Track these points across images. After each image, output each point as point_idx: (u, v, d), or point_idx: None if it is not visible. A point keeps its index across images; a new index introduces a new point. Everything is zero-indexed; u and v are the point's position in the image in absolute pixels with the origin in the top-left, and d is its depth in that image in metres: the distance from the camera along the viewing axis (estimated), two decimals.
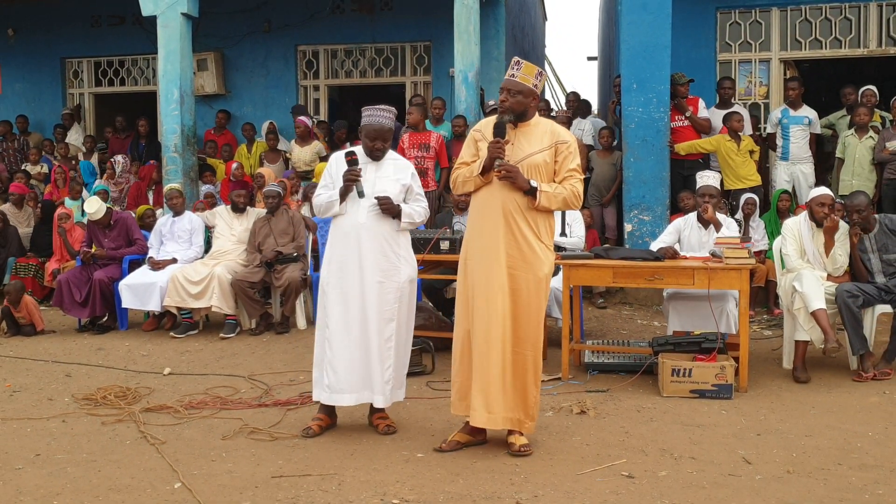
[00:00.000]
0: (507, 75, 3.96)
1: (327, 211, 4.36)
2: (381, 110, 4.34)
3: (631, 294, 7.97)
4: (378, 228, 4.30)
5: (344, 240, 4.32)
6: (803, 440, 4.18)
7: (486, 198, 3.98)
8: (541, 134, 4.00)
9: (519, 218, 3.92)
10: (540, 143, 3.97)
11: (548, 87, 18.05)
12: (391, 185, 4.35)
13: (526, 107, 3.94)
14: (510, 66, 3.97)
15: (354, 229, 4.29)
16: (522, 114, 3.96)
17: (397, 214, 4.31)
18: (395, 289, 4.30)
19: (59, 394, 5.36)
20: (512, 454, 3.95)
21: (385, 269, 4.29)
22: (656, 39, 7.77)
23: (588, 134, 9.13)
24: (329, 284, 4.34)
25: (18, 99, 11.70)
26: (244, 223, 7.60)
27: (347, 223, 4.32)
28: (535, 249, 3.94)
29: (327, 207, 4.35)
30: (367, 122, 4.33)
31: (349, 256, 4.29)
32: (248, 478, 3.76)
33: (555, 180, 3.98)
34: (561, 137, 4.00)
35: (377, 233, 4.29)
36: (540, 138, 3.98)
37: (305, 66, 10.97)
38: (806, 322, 5.26)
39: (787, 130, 8.11)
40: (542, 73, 3.97)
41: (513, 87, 3.92)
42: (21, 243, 8.86)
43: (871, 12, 8.80)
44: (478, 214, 4.03)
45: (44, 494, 3.63)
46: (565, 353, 5.44)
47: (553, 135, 4.00)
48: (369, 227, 4.28)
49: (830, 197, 5.60)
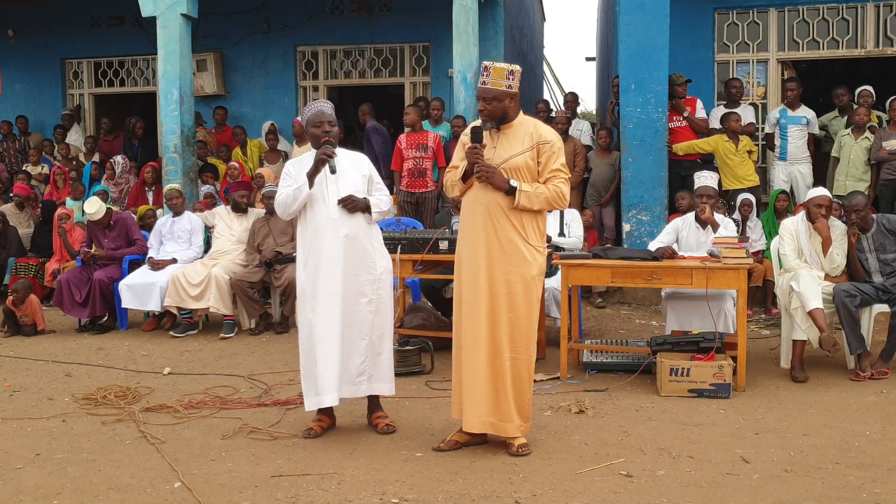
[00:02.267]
0: (479, 83, 3.94)
1: (294, 201, 4.26)
2: (319, 101, 4.44)
3: (629, 294, 7.98)
4: (352, 222, 4.27)
5: (318, 236, 4.27)
6: (801, 439, 4.19)
7: (472, 201, 3.99)
8: (522, 135, 3.97)
9: (503, 220, 3.91)
10: (521, 145, 3.95)
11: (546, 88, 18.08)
12: (354, 175, 4.35)
13: (504, 110, 3.92)
14: (481, 73, 3.94)
15: (326, 223, 4.25)
16: (503, 117, 3.94)
17: (366, 208, 4.31)
18: (373, 280, 4.31)
19: (59, 394, 5.37)
20: (511, 454, 3.97)
21: (363, 262, 4.29)
22: (654, 40, 7.79)
23: (586, 134, 9.15)
24: (309, 287, 4.28)
25: (18, 99, 11.71)
26: (243, 223, 7.61)
27: (318, 218, 4.28)
28: (521, 251, 3.92)
29: (294, 196, 4.26)
30: (309, 112, 4.37)
31: (325, 254, 4.24)
32: (247, 477, 3.78)
33: (538, 181, 3.95)
34: (543, 138, 3.96)
35: (351, 227, 4.27)
36: (521, 140, 3.96)
37: (304, 67, 10.98)
38: (803, 322, 5.28)
39: (786, 130, 8.13)
40: (513, 70, 3.90)
41: (486, 95, 3.89)
42: (21, 243, 8.87)
43: (868, 13, 8.81)
44: (465, 218, 4.04)
45: (44, 494, 3.64)
46: (564, 353, 5.46)
47: (535, 135, 3.96)
48: (343, 221, 4.26)
49: (828, 198, 5.60)
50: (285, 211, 4.36)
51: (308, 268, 4.31)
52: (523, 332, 3.95)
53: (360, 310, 4.29)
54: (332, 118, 4.34)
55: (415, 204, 8.33)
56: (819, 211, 5.53)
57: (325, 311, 4.25)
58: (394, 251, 5.62)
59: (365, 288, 4.30)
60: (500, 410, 3.95)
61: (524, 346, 3.96)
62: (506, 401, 3.94)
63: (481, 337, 3.91)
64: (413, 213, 8.26)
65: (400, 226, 7.41)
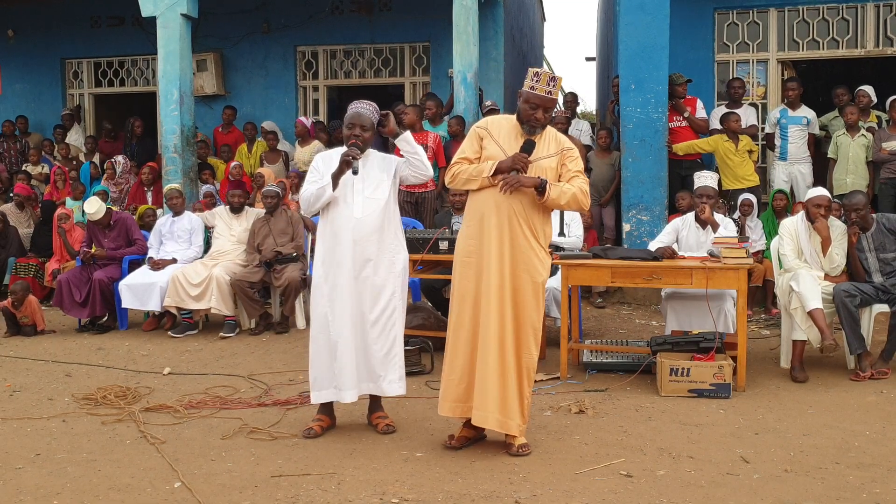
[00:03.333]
0: (543, 91, 3.88)
1: (318, 200, 4.27)
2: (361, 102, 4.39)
3: (629, 294, 7.98)
4: (374, 221, 4.28)
5: (339, 236, 4.27)
6: (801, 439, 4.19)
7: (489, 198, 3.94)
8: (548, 140, 4.02)
9: (522, 220, 3.92)
10: (547, 150, 4.00)
11: None
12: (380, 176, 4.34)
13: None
14: (546, 82, 3.87)
15: (350, 223, 4.25)
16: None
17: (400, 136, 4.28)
18: (394, 279, 4.32)
19: (59, 394, 5.37)
20: (511, 454, 3.97)
21: (385, 260, 4.29)
22: (654, 40, 7.79)
23: (586, 134, 9.15)
24: (328, 284, 4.31)
25: (18, 99, 11.71)
26: (243, 223, 7.61)
27: (342, 217, 4.28)
28: (535, 254, 3.95)
29: (318, 195, 4.26)
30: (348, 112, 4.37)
31: (345, 252, 4.25)
32: (247, 477, 3.78)
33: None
34: (566, 145, 4.05)
35: (375, 225, 4.28)
36: (547, 144, 4.01)
37: (304, 67, 10.99)
38: (803, 322, 5.28)
39: (786, 130, 8.13)
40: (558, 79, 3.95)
41: (550, 105, 3.93)
42: (21, 243, 8.88)
43: (868, 13, 8.81)
44: (477, 214, 3.99)
45: (44, 494, 3.64)
46: (564, 353, 5.46)
47: (558, 142, 4.05)
48: (367, 220, 4.26)
49: (827, 198, 5.60)
50: (308, 209, 4.38)
51: (327, 264, 4.32)
52: (531, 334, 3.97)
53: (383, 306, 4.30)
54: (366, 121, 4.30)
55: (415, 204, 8.33)
56: (818, 211, 5.53)
57: (344, 308, 4.26)
58: None
59: (388, 283, 4.31)
60: (508, 408, 3.96)
61: (528, 349, 3.97)
62: (512, 399, 3.95)
63: (492, 335, 3.92)
64: (413, 213, 8.25)
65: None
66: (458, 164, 4.04)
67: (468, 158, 4.03)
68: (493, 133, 4.01)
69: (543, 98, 3.89)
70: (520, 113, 3.98)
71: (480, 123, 4.12)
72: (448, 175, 4.09)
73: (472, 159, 4.02)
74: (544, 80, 3.88)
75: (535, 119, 3.91)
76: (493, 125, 4.06)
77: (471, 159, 4.02)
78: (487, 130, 4.04)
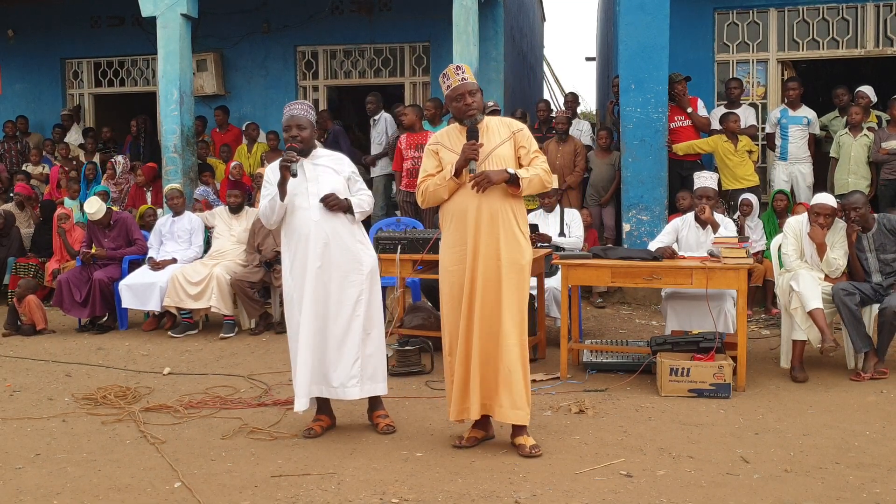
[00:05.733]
0: (458, 81, 3.98)
1: (272, 212, 4.28)
2: (295, 103, 4.39)
3: (629, 294, 7.98)
4: (334, 222, 4.26)
5: (302, 241, 4.26)
6: (801, 439, 4.19)
7: (463, 200, 3.98)
8: (495, 127, 4.08)
9: (505, 210, 3.97)
10: (500, 136, 4.05)
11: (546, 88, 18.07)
12: (333, 177, 4.33)
13: (482, 103, 4.06)
14: (454, 73, 4.01)
15: (309, 227, 4.24)
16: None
17: (348, 208, 4.29)
18: (360, 282, 4.29)
19: (59, 394, 5.37)
20: (524, 455, 3.96)
21: (349, 262, 4.27)
22: (654, 40, 7.79)
23: (586, 134, 9.15)
24: (297, 291, 4.27)
25: (18, 99, 11.71)
26: (243, 223, 7.61)
27: (301, 223, 4.26)
28: (518, 239, 4.00)
29: (271, 207, 4.27)
30: (283, 116, 4.34)
31: (310, 257, 4.23)
32: (247, 477, 3.78)
33: (521, 165, 4.05)
34: (514, 127, 4.12)
35: (335, 227, 4.26)
36: (497, 131, 4.07)
37: (304, 67, 10.98)
38: (803, 322, 5.28)
39: (786, 130, 8.13)
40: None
41: (472, 89, 4.00)
42: (21, 243, 8.88)
43: (868, 13, 8.81)
44: (456, 217, 4.01)
45: (44, 494, 3.64)
46: (564, 353, 5.46)
47: (508, 126, 4.12)
48: (325, 223, 4.24)
49: (830, 208, 5.49)
50: (268, 223, 4.41)
51: (294, 272, 4.30)
52: (518, 320, 3.99)
53: (349, 312, 4.26)
54: (302, 121, 4.27)
55: (414, 204, 8.32)
56: (816, 219, 5.50)
57: (311, 314, 4.23)
58: (394, 251, 5.64)
59: (353, 289, 4.27)
60: (513, 397, 3.96)
61: (519, 335, 3.99)
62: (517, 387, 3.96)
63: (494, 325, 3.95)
64: (413, 213, 8.25)
65: (400, 226, 7.41)
66: (423, 182, 4.12)
67: (431, 175, 4.10)
68: (445, 143, 4.10)
69: (460, 86, 3.99)
70: (455, 114, 4.08)
71: (431, 140, 4.19)
72: (418, 196, 4.15)
73: (434, 175, 4.09)
74: (452, 74, 4.02)
75: (467, 105, 3.99)
76: (442, 137, 4.15)
77: (433, 174, 4.09)
78: (439, 143, 4.12)
